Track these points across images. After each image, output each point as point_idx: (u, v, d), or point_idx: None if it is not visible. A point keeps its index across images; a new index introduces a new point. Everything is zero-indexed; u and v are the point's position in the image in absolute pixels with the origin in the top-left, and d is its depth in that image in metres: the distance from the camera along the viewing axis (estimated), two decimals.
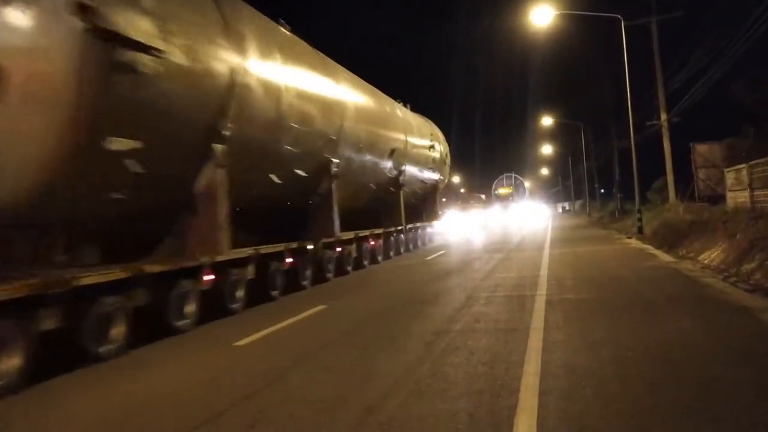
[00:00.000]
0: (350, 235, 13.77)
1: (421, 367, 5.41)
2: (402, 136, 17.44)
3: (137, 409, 4.91)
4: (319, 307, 9.28)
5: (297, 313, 8.73)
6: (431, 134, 21.34)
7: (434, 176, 22.06)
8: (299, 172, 10.64)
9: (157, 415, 4.72)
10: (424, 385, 4.89)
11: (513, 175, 66.96)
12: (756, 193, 15.04)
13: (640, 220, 20.47)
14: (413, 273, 14.01)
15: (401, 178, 17.39)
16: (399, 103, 19.02)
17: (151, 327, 7.34)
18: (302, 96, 10.51)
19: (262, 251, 9.67)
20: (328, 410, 4.46)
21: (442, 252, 19.68)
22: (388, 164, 16.08)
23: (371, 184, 15.29)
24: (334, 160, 12.04)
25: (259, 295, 9.78)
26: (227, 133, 8.02)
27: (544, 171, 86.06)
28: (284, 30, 10.90)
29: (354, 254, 14.37)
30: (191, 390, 5.36)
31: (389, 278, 13.43)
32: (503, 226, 37.44)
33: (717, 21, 20.50)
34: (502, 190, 64.75)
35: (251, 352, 6.75)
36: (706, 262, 11.41)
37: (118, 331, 6.67)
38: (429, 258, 17.72)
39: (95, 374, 6.06)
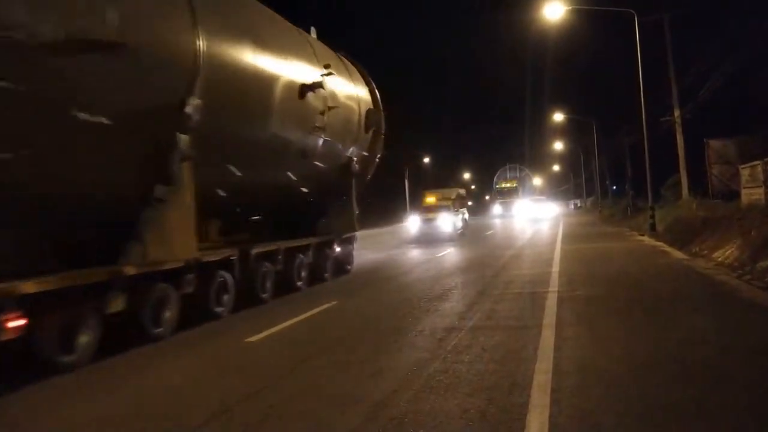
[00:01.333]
0: None
1: (432, 364, 5.41)
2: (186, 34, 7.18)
3: (151, 401, 4.96)
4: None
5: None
6: (326, 67, 11.07)
7: (338, 150, 12.03)
8: None
9: (169, 408, 4.75)
10: (435, 381, 4.89)
11: (517, 166, 54.70)
12: None
13: (652, 217, 20.30)
14: None
15: (183, 137, 7.16)
16: None
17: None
18: None
19: None
20: (338, 405, 4.46)
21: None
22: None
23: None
24: None
25: None
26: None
27: (555, 168, 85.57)
28: None
29: None
30: (204, 384, 5.39)
31: None
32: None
33: (732, 16, 20.27)
34: (505, 184, 51.58)
35: (263, 348, 6.80)
36: (720, 259, 11.30)
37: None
38: None
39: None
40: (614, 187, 49.92)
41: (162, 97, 6.89)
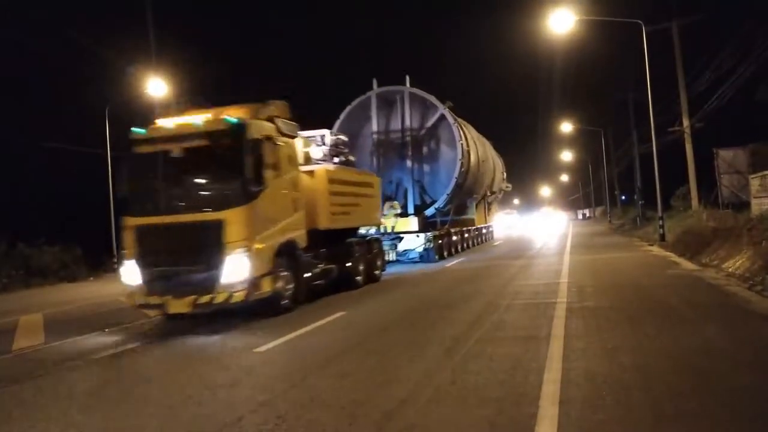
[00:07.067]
0: None
1: (440, 374, 5.41)
2: None
3: (157, 411, 4.98)
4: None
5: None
6: None
7: None
8: None
9: (178, 418, 4.78)
10: (443, 391, 4.88)
11: (407, 89, 18.85)
12: None
13: (662, 227, 20.20)
14: None
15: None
16: None
17: None
18: None
19: None
20: (347, 416, 4.47)
21: None
22: None
23: None
24: None
25: None
26: None
27: (564, 177, 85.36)
28: None
29: None
30: (212, 394, 5.41)
31: None
32: None
33: (742, 23, 20.17)
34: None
35: (272, 358, 6.82)
36: (730, 270, 11.22)
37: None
38: None
39: None
40: (623, 197, 49.73)
41: None
